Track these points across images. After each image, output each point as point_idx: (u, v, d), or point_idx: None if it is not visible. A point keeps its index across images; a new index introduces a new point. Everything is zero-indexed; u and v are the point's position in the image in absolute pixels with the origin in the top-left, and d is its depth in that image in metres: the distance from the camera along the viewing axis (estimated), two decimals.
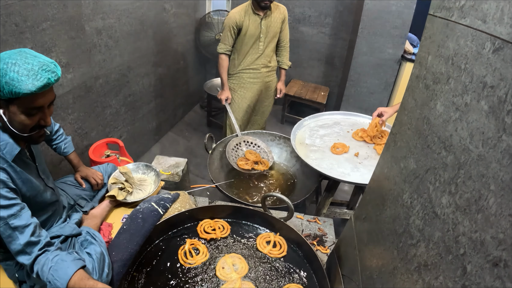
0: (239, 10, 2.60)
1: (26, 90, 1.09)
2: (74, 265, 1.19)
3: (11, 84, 1.07)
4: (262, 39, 2.66)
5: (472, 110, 0.62)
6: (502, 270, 0.48)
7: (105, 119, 2.68)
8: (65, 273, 1.16)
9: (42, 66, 1.13)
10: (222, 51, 2.71)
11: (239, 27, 2.61)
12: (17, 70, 1.09)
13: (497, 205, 0.51)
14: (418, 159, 0.80)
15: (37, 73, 1.11)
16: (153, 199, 1.72)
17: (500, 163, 0.52)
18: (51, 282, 1.15)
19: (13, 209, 1.16)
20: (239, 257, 1.51)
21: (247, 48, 2.70)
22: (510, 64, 0.54)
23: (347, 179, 1.86)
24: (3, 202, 1.14)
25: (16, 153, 1.23)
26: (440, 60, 0.76)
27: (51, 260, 1.18)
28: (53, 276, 1.15)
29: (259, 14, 2.58)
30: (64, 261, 1.19)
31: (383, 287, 0.88)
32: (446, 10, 0.77)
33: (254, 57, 2.74)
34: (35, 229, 1.20)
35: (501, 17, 0.57)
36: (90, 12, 2.24)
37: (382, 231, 0.95)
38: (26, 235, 1.17)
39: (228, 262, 1.48)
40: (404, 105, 0.94)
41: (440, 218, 0.66)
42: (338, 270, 1.27)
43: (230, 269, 1.46)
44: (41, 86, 1.12)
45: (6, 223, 1.14)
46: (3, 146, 1.20)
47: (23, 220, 1.18)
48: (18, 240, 1.16)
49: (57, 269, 1.16)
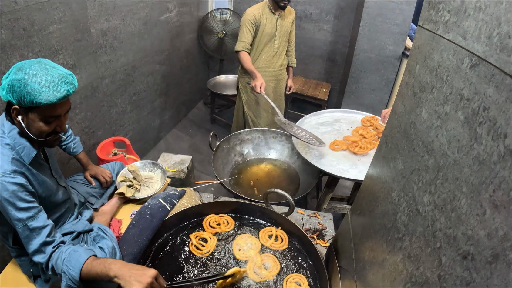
0: (257, 7, 2.66)
1: (47, 101, 1.16)
2: (86, 254, 1.24)
3: (32, 95, 1.14)
4: (277, 37, 2.74)
5: (450, 119, 0.69)
6: (470, 262, 0.56)
7: (111, 118, 2.76)
8: (77, 261, 1.22)
9: (62, 78, 1.20)
10: (240, 49, 2.68)
11: (257, 24, 2.66)
12: (39, 81, 1.14)
13: (468, 205, 0.59)
14: (405, 160, 0.87)
15: (57, 85, 1.18)
16: (160, 196, 1.80)
17: (471, 169, 0.59)
18: (65, 272, 1.21)
19: (31, 211, 1.22)
20: (249, 236, 1.63)
21: (262, 46, 2.77)
22: (483, 80, 0.59)
23: (346, 176, 1.94)
24: (22, 205, 1.20)
25: (33, 156, 1.30)
26: (426, 70, 0.83)
27: (64, 252, 1.25)
28: (67, 266, 1.21)
29: (275, 13, 2.65)
30: (76, 251, 1.25)
31: (373, 278, 0.96)
32: (433, 23, 0.82)
33: (269, 55, 2.82)
34: (51, 230, 1.27)
35: (478, 35, 0.62)
36: (95, 14, 2.30)
37: (374, 225, 1.03)
38: (43, 236, 1.24)
39: (241, 243, 1.59)
40: (395, 109, 1.00)
41: (422, 215, 0.73)
42: (335, 262, 1.35)
43: (246, 248, 1.57)
44: (61, 98, 1.19)
45: (24, 225, 1.21)
46: (21, 150, 1.27)
47: (40, 222, 1.24)
48: (35, 240, 1.23)
49: (70, 260, 1.23)
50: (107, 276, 1.18)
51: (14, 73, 1.16)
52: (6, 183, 1.17)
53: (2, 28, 1.64)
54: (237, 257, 1.54)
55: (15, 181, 1.19)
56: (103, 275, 1.18)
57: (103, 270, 1.18)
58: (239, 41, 2.70)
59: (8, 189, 1.17)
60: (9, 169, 1.19)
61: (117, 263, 1.21)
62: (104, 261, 1.22)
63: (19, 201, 1.19)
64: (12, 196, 1.18)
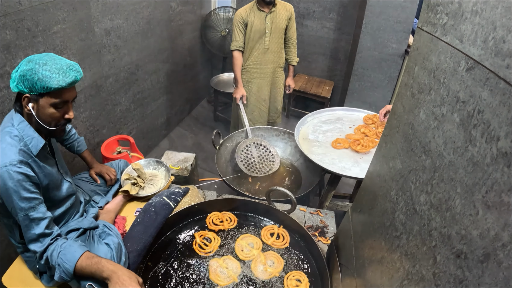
0: (245, 7, 2.72)
1: (57, 85, 1.23)
2: (81, 249, 1.32)
3: (43, 80, 1.22)
4: (268, 34, 2.74)
5: (447, 120, 0.70)
6: (462, 261, 0.57)
7: (116, 116, 2.78)
8: (72, 256, 1.29)
9: (70, 66, 1.29)
10: (234, 48, 2.80)
11: (245, 23, 2.70)
12: (49, 69, 1.23)
13: (462, 205, 0.60)
14: (404, 160, 0.89)
15: (65, 71, 1.26)
16: (164, 194, 1.82)
17: (465, 170, 0.61)
18: (60, 265, 1.28)
19: (33, 202, 1.27)
20: (249, 236, 1.66)
21: (253, 43, 2.78)
22: (479, 84, 0.61)
23: (347, 174, 1.95)
24: (26, 195, 1.25)
25: (41, 146, 1.34)
26: (424, 72, 0.84)
27: (59, 246, 1.31)
28: (62, 260, 1.28)
29: (264, 10, 2.67)
30: (71, 246, 1.32)
31: (372, 275, 0.98)
32: (432, 26, 0.83)
33: (261, 52, 2.82)
34: (49, 223, 1.32)
35: (474, 39, 0.63)
36: (98, 14, 2.32)
37: (373, 223, 1.05)
38: (41, 227, 1.29)
39: (242, 244, 1.61)
40: (394, 110, 1.02)
41: (419, 214, 0.75)
42: (336, 259, 1.37)
43: (248, 248, 1.59)
44: (70, 82, 1.27)
45: (25, 214, 1.26)
46: (29, 141, 1.32)
47: (40, 213, 1.29)
48: (33, 230, 1.28)
49: (65, 253, 1.29)
50: (100, 276, 1.30)
51: (24, 65, 1.24)
52: (13, 172, 1.22)
53: (7, 28, 1.66)
54: (240, 257, 1.56)
55: (21, 171, 1.24)
56: (97, 274, 1.30)
57: (97, 270, 1.29)
58: (232, 41, 2.81)
59: (13, 178, 1.22)
60: (16, 159, 1.24)
61: (111, 265, 1.31)
62: (100, 261, 1.31)
63: (23, 191, 1.24)
64: (17, 185, 1.22)
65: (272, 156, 2.60)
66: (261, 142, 2.65)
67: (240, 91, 2.84)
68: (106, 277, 1.28)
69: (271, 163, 2.56)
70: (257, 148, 2.64)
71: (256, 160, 2.57)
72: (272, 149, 2.63)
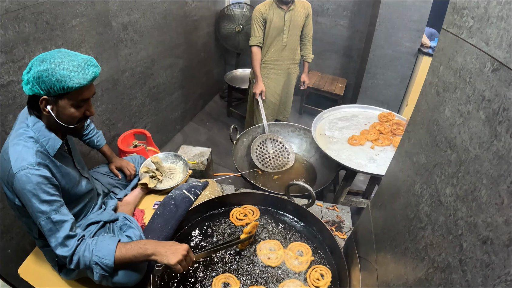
0: (264, 3, 2.75)
1: (78, 84, 1.17)
2: (113, 241, 1.29)
3: (62, 81, 1.15)
4: (286, 31, 2.78)
5: (472, 117, 0.74)
6: (489, 246, 0.62)
7: (131, 110, 2.82)
8: (109, 249, 1.26)
9: (87, 62, 1.21)
10: (253, 43, 2.83)
11: (264, 19, 2.74)
12: (66, 67, 1.15)
13: (487, 195, 0.65)
14: (428, 155, 0.93)
15: (84, 68, 1.19)
16: (184, 187, 1.86)
17: (491, 163, 0.65)
18: (98, 263, 1.24)
19: (54, 204, 1.22)
20: (264, 241, 1.64)
21: (271, 39, 2.82)
22: (504, 84, 0.64)
23: (364, 170, 1.99)
24: (46, 197, 1.20)
25: (58, 147, 1.30)
26: (449, 71, 0.88)
27: (90, 244, 1.26)
28: (99, 257, 1.24)
29: (283, 8, 2.71)
30: (102, 241, 1.29)
31: (395, 266, 1.03)
32: (457, 28, 0.86)
33: (278, 48, 2.86)
34: (72, 225, 1.26)
35: (500, 42, 0.67)
36: (116, 8, 2.34)
37: (395, 216, 1.09)
38: (66, 229, 1.23)
39: (264, 251, 1.60)
40: (418, 107, 1.06)
41: (444, 205, 0.79)
42: (355, 252, 1.42)
43: (271, 253, 1.58)
44: (91, 79, 1.20)
45: (48, 217, 1.20)
46: (46, 142, 1.27)
47: (63, 216, 1.24)
48: (58, 233, 1.22)
49: (100, 249, 1.26)
50: (145, 255, 1.27)
51: (38, 65, 1.16)
52: (31, 175, 1.17)
53: (26, 21, 1.65)
54: (271, 265, 1.53)
55: (40, 173, 1.19)
56: (140, 255, 1.27)
57: (139, 251, 1.27)
58: (251, 36, 2.84)
59: (32, 181, 1.17)
60: (33, 161, 1.19)
61: (151, 242, 1.31)
62: (137, 243, 1.31)
63: (43, 194, 1.19)
64: (36, 188, 1.17)
65: (287, 153, 2.65)
66: (277, 138, 2.70)
67: (260, 86, 2.87)
68: (151, 253, 1.26)
69: (286, 159, 2.61)
70: (272, 143, 2.69)
71: (271, 155, 2.61)
72: (287, 146, 2.67)
